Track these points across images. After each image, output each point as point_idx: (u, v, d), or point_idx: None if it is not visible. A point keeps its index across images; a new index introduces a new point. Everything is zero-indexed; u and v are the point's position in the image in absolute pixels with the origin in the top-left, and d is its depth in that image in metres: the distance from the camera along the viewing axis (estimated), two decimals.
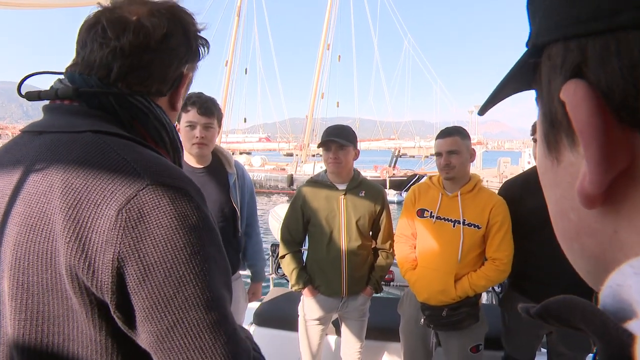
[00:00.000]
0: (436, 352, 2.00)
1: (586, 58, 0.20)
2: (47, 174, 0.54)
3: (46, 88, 0.65)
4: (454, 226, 1.81)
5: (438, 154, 1.84)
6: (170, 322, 0.50)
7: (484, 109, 0.33)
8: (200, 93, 1.85)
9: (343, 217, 2.01)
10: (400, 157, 25.23)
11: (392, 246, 2.10)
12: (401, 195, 18.20)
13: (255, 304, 2.67)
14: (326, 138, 1.96)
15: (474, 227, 1.79)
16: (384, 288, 2.48)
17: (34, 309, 0.53)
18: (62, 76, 0.66)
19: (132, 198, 0.51)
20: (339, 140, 1.94)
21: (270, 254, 3.16)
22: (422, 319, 1.90)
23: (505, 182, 2.17)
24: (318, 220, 2.03)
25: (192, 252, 0.52)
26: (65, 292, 0.52)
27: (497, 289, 2.82)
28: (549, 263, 1.77)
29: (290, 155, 28.84)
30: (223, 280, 0.57)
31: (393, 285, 3.61)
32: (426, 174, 19.86)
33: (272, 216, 6.67)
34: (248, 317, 2.59)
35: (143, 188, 0.52)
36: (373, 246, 2.13)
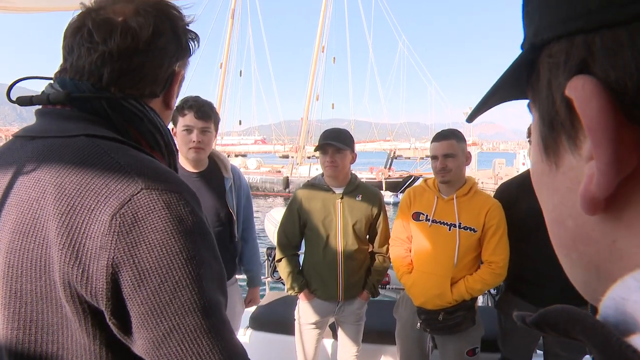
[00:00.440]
0: (432, 356, 2.00)
1: (593, 52, 0.19)
2: (40, 180, 0.54)
3: (40, 91, 0.64)
4: (450, 230, 1.82)
5: (434, 157, 1.84)
6: (167, 328, 0.50)
7: (473, 116, 0.32)
8: (197, 97, 1.84)
9: (340, 221, 2.01)
10: (395, 159, 25.28)
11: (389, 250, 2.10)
12: (397, 196, 18.21)
13: (251, 308, 2.66)
14: (323, 141, 1.96)
15: (470, 231, 1.79)
16: (381, 291, 2.48)
17: (27, 318, 0.52)
18: (53, 81, 0.64)
19: (127, 202, 0.50)
20: (336, 143, 1.94)
21: (266, 258, 3.15)
22: (419, 324, 1.90)
23: (501, 185, 2.18)
24: (315, 223, 2.02)
25: (188, 257, 0.51)
26: (59, 300, 0.51)
27: (493, 292, 2.82)
28: (545, 265, 1.78)
29: (285, 157, 28.80)
30: (218, 285, 0.56)
31: (389, 288, 3.61)
32: (422, 175, 19.91)
33: (268, 220, 6.65)
34: (244, 321, 2.58)
35: (137, 192, 0.51)
36: (370, 250, 2.13)
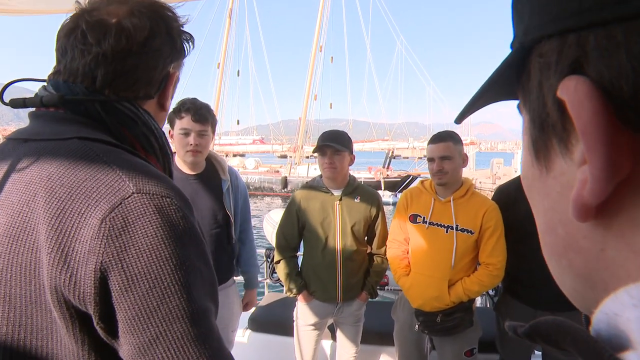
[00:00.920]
0: (430, 356, 2.01)
1: (586, 52, 0.18)
2: (31, 183, 0.53)
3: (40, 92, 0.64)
4: (447, 232, 1.82)
5: (430, 160, 1.85)
6: (153, 335, 0.49)
7: (462, 117, 0.31)
8: (194, 99, 1.84)
9: (338, 223, 2.01)
10: (393, 158, 25.27)
11: None
12: (396, 196, 18.21)
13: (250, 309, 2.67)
14: (321, 143, 1.96)
15: (467, 233, 1.80)
16: (379, 292, 2.48)
17: (17, 322, 0.51)
18: (46, 83, 0.64)
19: (117, 206, 0.50)
20: (335, 145, 1.94)
21: (264, 259, 3.15)
22: (417, 325, 1.91)
23: (499, 186, 2.18)
24: (313, 225, 2.03)
25: (178, 263, 0.51)
26: (48, 305, 0.51)
27: (492, 293, 2.83)
28: (543, 268, 1.76)
29: (284, 157, 28.77)
30: (208, 292, 0.55)
31: (387, 289, 3.62)
32: (420, 175, 19.93)
33: (267, 221, 6.63)
34: (243, 322, 2.58)
35: (128, 196, 0.51)
36: (368, 251, 2.14)
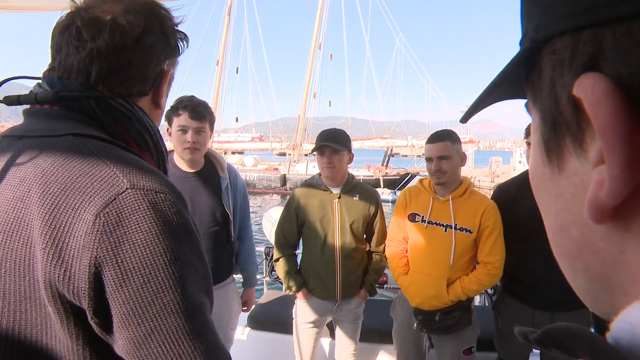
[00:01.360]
0: (429, 355, 2.02)
1: (603, 49, 0.18)
2: (25, 179, 0.53)
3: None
4: (446, 231, 1.82)
5: (428, 159, 1.85)
6: (148, 329, 0.49)
7: (468, 116, 0.31)
8: (192, 96, 1.84)
9: (337, 220, 2.01)
10: (392, 156, 25.25)
11: None
12: (395, 193, 18.22)
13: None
14: (320, 143, 1.97)
15: (466, 232, 1.80)
16: (378, 290, 2.48)
17: (11, 317, 0.51)
18: (41, 80, 0.64)
19: (111, 202, 0.50)
20: (333, 145, 1.94)
21: (264, 257, 3.15)
22: (415, 324, 1.91)
23: (499, 185, 2.18)
24: (312, 223, 2.03)
25: (172, 258, 0.51)
26: (42, 300, 0.51)
27: (490, 291, 2.84)
28: (543, 268, 1.77)
29: (283, 154, 28.74)
30: (203, 286, 0.56)
31: (386, 287, 3.63)
32: (419, 173, 19.95)
33: (266, 219, 6.63)
34: (242, 320, 2.58)
35: (122, 192, 0.51)
36: (367, 249, 2.14)
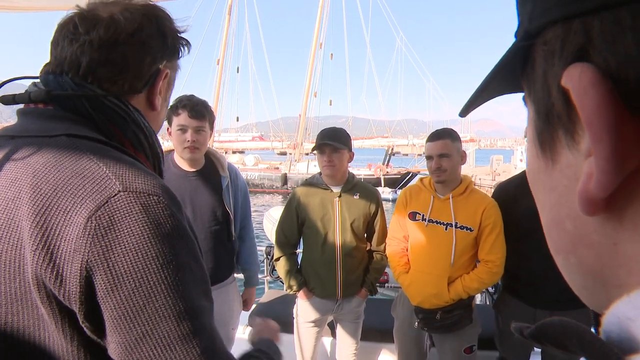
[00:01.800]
0: (430, 353, 2.02)
1: (592, 38, 0.18)
2: (16, 180, 0.53)
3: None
4: (446, 229, 1.82)
5: (429, 157, 1.85)
6: (139, 333, 0.49)
7: (466, 111, 0.30)
8: (191, 96, 1.84)
9: (338, 219, 2.01)
10: (393, 155, 25.23)
11: None
12: (396, 192, 18.20)
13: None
14: (320, 141, 1.96)
15: (466, 230, 1.80)
16: (379, 289, 2.49)
17: (2, 319, 0.51)
18: (38, 79, 0.64)
19: (103, 205, 0.50)
20: (333, 143, 1.94)
21: (265, 256, 3.15)
22: (416, 322, 1.91)
23: (499, 184, 2.17)
24: (313, 222, 2.03)
25: (165, 262, 0.51)
26: (34, 302, 0.50)
27: (492, 290, 2.84)
28: (542, 266, 1.77)
29: (283, 154, 28.74)
30: (200, 289, 0.55)
31: (387, 286, 3.63)
32: (420, 172, 19.92)
33: (267, 218, 6.64)
34: (243, 320, 2.59)
35: (114, 195, 0.51)
36: (368, 248, 2.14)
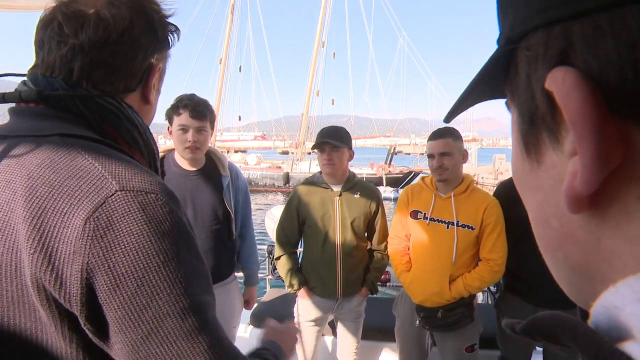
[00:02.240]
0: (431, 352, 2.01)
1: (573, 42, 0.18)
2: (11, 181, 0.52)
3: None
4: (448, 227, 1.82)
5: (430, 156, 1.85)
6: (144, 332, 0.49)
7: (450, 117, 0.30)
8: (192, 95, 1.83)
9: (338, 218, 2.01)
10: (395, 155, 25.20)
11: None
12: (397, 192, 18.17)
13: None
14: (320, 140, 1.96)
15: (468, 228, 1.80)
16: (381, 289, 2.49)
17: (0, 323, 0.51)
18: (26, 78, 0.62)
19: (101, 205, 0.49)
20: (333, 141, 1.93)
21: (267, 255, 3.15)
22: (418, 321, 1.91)
23: (501, 183, 2.17)
24: (313, 221, 2.02)
25: (166, 259, 0.50)
26: (32, 305, 0.50)
27: (493, 289, 2.83)
28: (543, 265, 1.76)
29: (285, 153, 28.74)
30: (203, 284, 0.55)
31: (389, 285, 3.62)
32: (422, 171, 19.88)
33: (269, 217, 6.63)
34: (245, 318, 2.59)
35: (112, 194, 0.50)
36: (368, 247, 2.14)
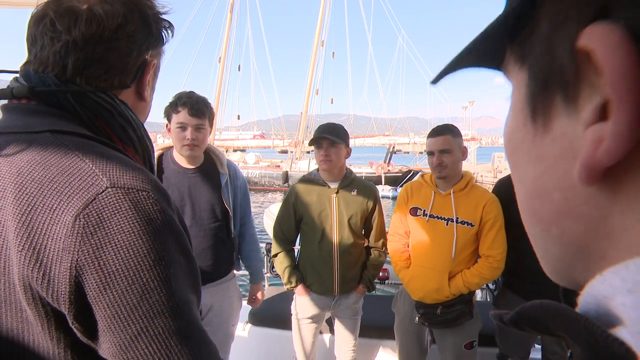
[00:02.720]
0: (431, 349, 2.01)
1: None
2: (0, 178, 0.51)
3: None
4: (447, 224, 1.81)
5: (430, 153, 1.84)
6: (134, 332, 0.48)
7: (439, 78, 0.28)
8: (191, 92, 1.82)
9: (335, 215, 2.00)
10: (394, 153, 25.22)
11: (385, 245, 2.10)
12: (396, 190, 18.19)
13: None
14: (317, 135, 1.95)
15: (467, 225, 1.79)
16: (379, 286, 2.48)
17: None
18: (18, 74, 0.61)
19: (91, 202, 0.48)
20: (330, 137, 1.92)
21: (265, 253, 3.15)
22: (417, 317, 1.91)
23: (500, 180, 2.17)
24: (310, 218, 2.02)
25: (156, 258, 0.50)
26: (19, 304, 0.49)
27: (492, 286, 2.83)
28: (537, 263, 1.77)
29: (284, 152, 28.76)
30: (190, 283, 0.54)
31: (388, 283, 3.62)
32: (421, 170, 19.92)
33: (267, 215, 6.65)
34: (243, 316, 2.58)
35: (102, 191, 0.49)
36: (365, 245, 2.13)
